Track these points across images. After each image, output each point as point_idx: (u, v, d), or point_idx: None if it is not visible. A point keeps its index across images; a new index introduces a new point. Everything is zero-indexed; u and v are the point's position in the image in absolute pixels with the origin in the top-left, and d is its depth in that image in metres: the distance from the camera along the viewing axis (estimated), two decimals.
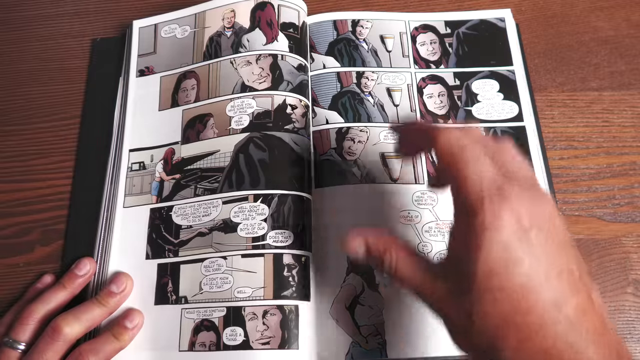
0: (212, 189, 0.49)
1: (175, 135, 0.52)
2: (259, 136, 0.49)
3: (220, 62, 0.53)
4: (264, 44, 0.53)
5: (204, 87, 0.53)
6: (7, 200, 0.53)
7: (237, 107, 0.51)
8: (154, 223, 0.50)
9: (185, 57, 0.55)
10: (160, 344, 0.46)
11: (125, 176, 0.52)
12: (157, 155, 0.52)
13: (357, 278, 0.47)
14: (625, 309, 0.48)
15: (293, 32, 0.54)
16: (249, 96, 0.51)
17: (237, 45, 0.53)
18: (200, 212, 0.48)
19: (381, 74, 0.55)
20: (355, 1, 0.61)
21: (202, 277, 0.47)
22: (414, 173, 0.50)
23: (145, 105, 0.54)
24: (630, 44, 0.58)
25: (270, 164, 0.48)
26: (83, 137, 0.55)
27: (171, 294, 0.47)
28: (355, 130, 0.52)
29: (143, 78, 0.55)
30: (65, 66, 0.59)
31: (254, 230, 0.46)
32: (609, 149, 0.54)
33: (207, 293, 0.46)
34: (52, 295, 0.45)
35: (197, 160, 0.50)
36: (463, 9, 0.60)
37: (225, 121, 0.51)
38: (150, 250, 0.49)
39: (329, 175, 0.50)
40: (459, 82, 0.55)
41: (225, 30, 0.55)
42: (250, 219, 0.47)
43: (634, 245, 0.50)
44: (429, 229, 0.48)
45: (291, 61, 0.53)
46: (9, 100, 0.57)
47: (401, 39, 0.57)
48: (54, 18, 0.62)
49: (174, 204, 0.50)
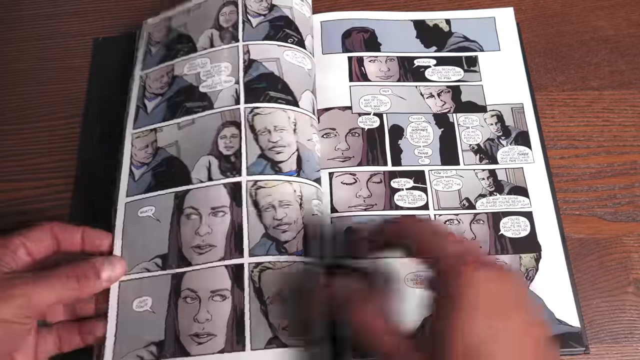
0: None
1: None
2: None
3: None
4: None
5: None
6: (6, 199, 0.53)
7: None
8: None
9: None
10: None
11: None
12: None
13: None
14: (626, 309, 0.48)
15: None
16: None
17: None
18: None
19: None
20: (355, 1, 0.61)
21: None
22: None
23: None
24: (631, 43, 0.58)
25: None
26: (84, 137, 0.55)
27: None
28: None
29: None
30: (64, 65, 0.59)
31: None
32: (609, 148, 0.54)
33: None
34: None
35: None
36: (463, 8, 0.60)
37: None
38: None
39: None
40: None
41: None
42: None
43: (634, 244, 0.50)
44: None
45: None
46: (7, 99, 0.57)
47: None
48: (53, 17, 0.61)
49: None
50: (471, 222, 0.49)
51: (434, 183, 0.51)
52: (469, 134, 0.53)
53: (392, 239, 0.39)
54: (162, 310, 0.43)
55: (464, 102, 0.54)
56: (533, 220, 0.49)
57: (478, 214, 0.50)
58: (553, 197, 0.50)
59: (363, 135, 0.52)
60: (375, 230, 0.40)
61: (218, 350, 0.40)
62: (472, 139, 0.53)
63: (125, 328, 0.43)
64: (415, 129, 0.53)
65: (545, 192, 0.51)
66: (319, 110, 0.53)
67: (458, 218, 0.49)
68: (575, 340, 0.45)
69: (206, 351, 0.40)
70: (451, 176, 0.51)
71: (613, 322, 0.47)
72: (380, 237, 0.40)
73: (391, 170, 0.51)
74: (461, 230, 0.49)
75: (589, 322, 0.47)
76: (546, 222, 0.49)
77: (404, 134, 0.53)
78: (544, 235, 0.49)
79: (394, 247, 0.39)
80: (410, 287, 0.47)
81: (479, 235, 0.49)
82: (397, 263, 0.47)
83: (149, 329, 0.42)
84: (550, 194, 0.50)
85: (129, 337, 0.42)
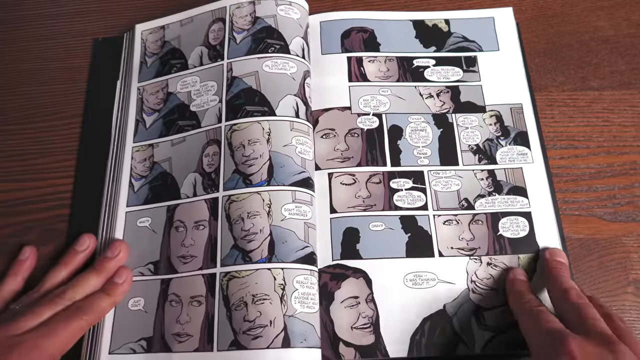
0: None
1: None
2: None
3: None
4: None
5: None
6: (7, 199, 0.53)
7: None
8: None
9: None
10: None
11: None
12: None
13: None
14: (626, 309, 0.48)
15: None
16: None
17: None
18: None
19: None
20: (355, 1, 0.61)
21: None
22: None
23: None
24: (631, 44, 0.58)
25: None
26: (84, 137, 0.55)
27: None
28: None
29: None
30: (66, 65, 0.59)
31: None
32: (609, 148, 0.54)
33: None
34: (54, 273, 0.47)
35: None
36: (464, 8, 0.60)
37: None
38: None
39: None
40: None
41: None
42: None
43: (634, 244, 0.50)
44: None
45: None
46: (9, 99, 0.57)
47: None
48: (55, 17, 0.62)
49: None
50: (470, 222, 0.49)
51: (433, 183, 0.51)
52: (468, 134, 0.53)
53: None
54: (152, 311, 0.47)
55: (463, 102, 0.54)
56: (532, 220, 0.49)
57: (477, 214, 0.50)
58: (552, 197, 0.51)
59: (362, 135, 0.52)
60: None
61: (194, 349, 0.45)
62: (471, 139, 0.53)
63: (122, 323, 0.47)
64: (415, 129, 0.53)
65: (544, 192, 0.51)
66: (318, 111, 0.54)
67: (457, 218, 0.49)
68: None
69: (184, 349, 0.45)
70: (450, 176, 0.51)
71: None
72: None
73: (390, 170, 0.51)
74: (460, 231, 0.49)
75: None
76: (545, 223, 0.49)
77: (403, 134, 0.53)
78: (543, 236, 0.49)
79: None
80: (410, 287, 0.47)
81: (478, 236, 0.49)
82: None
83: (141, 326, 0.47)
84: (549, 194, 0.51)
85: (125, 332, 0.47)
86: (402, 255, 0.48)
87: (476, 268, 0.48)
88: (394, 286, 0.47)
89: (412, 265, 0.48)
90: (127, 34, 0.59)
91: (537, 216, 0.50)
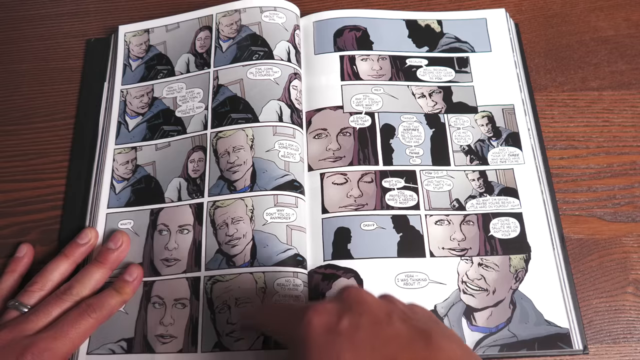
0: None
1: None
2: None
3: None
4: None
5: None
6: (7, 200, 0.53)
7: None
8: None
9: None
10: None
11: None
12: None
13: None
14: (626, 309, 0.47)
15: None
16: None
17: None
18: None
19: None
20: (355, 0, 0.61)
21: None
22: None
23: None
24: (630, 44, 0.58)
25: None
26: (76, 137, 0.56)
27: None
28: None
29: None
30: (64, 66, 0.59)
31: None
32: (609, 148, 0.53)
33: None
34: (55, 265, 0.47)
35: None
36: (463, 9, 0.60)
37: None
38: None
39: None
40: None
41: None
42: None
43: (634, 245, 0.49)
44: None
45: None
46: (8, 100, 0.58)
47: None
48: (54, 18, 0.62)
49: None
50: (461, 222, 0.49)
51: (425, 183, 0.50)
52: (460, 134, 0.53)
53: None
54: (134, 312, 0.48)
55: (455, 102, 0.54)
56: (523, 221, 0.49)
57: (468, 215, 0.49)
58: (544, 198, 0.50)
59: (354, 134, 0.52)
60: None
61: (177, 350, 0.46)
62: (462, 140, 0.52)
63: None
64: (407, 128, 0.53)
65: (535, 193, 0.50)
66: (311, 111, 0.54)
67: (448, 219, 0.49)
68: (563, 341, 0.45)
69: (168, 350, 0.46)
70: (442, 176, 0.51)
71: (612, 322, 0.47)
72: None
73: (382, 169, 0.51)
74: (451, 231, 0.49)
75: (588, 322, 0.46)
76: (536, 223, 0.49)
77: (396, 134, 0.52)
78: (534, 236, 0.48)
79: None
80: (401, 287, 0.46)
81: (469, 236, 0.48)
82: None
83: (121, 327, 0.47)
84: (540, 195, 0.50)
85: (103, 333, 0.47)
86: (394, 255, 0.48)
87: (467, 269, 0.47)
88: (385, 286, 0.47)
89: (403, 265, 0.47)
90: (113, 36, 0.60)
91: (528, 217, 0.49)
